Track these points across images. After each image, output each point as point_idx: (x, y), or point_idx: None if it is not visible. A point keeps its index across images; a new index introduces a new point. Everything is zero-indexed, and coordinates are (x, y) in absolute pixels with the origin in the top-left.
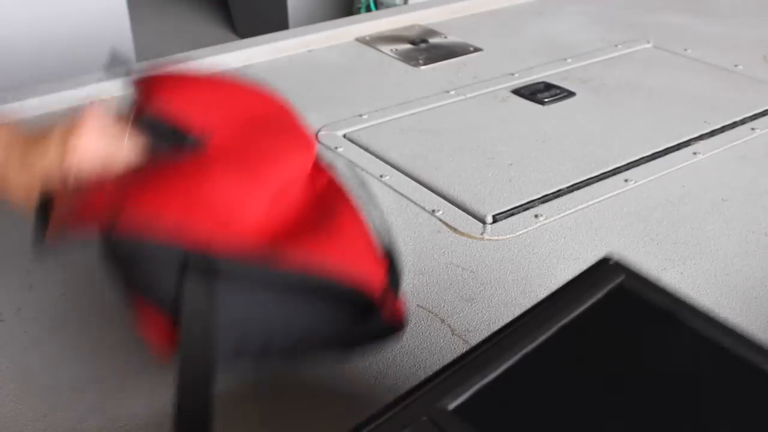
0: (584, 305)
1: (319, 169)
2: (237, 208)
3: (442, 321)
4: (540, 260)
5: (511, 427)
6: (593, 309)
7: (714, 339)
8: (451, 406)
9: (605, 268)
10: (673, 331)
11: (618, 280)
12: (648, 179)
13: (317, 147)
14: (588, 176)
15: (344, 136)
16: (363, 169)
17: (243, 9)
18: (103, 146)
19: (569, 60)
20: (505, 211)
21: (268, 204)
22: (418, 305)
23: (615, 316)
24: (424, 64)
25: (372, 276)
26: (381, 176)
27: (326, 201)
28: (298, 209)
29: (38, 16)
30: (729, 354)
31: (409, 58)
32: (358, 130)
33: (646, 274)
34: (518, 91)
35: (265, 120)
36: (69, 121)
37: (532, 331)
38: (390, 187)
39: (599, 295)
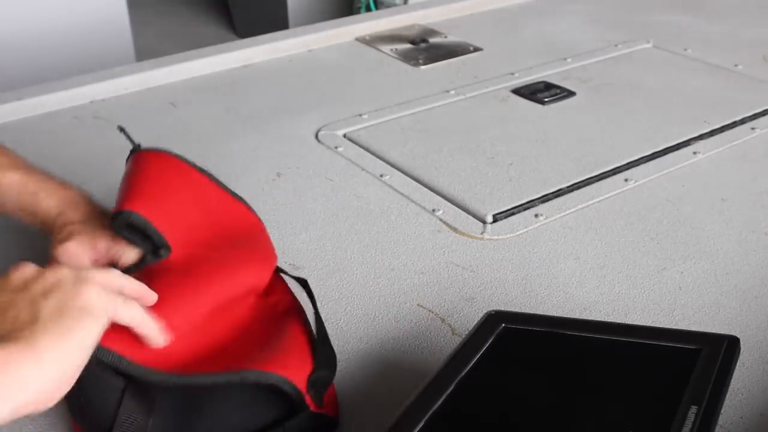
0: (483, 348)
1: (276, 281)
2: (167, 319)
3: (443, 320)
4: (540, 260)
5: None
6: (491, 348)
7: (591, 336)
8: None
9: (489, 318)
10: (555, 341)
11: (502, 324)
12: (648, 179)
13: (276, 261)
14: (588, 176)
15: (344, 135)
16: (363, 169)
17: (243, 9)
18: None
19: (569, 60)
20: (505, 211)
21: (207, 315)
22: (418, 305)
23: (511, 348)
24: (424, 64)
25: (297, 371)
26: (381, 176)
27: (275, 312)
28: (246, 319)
29: (38, 15)
30: (607, 341)
31: (409, 58)
32: (358, 129)
33: (522, 312)
34: (518, 91)
35: (231, 234)
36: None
37: (451, 375)
38: (390, 186)
39: (492, 337)
